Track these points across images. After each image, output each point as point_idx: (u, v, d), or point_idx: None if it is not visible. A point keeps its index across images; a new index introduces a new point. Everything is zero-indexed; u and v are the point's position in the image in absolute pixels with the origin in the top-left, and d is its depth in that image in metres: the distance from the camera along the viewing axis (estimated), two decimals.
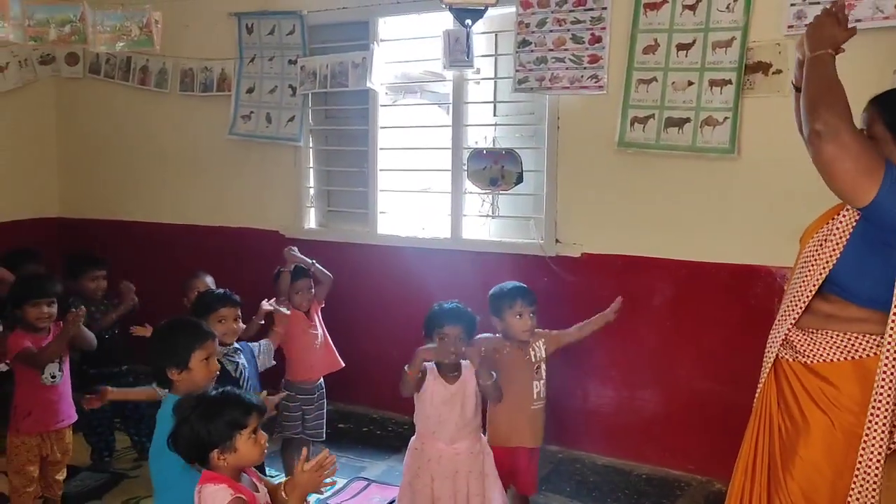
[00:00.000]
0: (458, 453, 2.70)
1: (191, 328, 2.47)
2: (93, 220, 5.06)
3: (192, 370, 2.37)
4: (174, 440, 2.03)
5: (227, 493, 1.97)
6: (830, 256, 1.94)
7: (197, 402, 2.04)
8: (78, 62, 4.93)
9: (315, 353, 3.48)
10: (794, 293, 2.03)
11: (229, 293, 3.07)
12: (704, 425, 3.41)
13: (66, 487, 3.32)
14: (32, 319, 3.07)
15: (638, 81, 3.38)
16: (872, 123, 2.01)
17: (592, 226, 3.60)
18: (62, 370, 3.15)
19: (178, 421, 2.03)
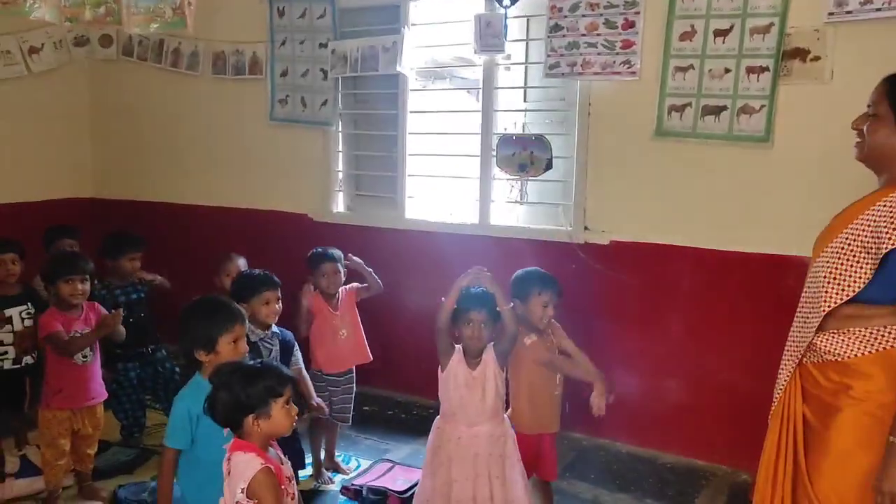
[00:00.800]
0: (478, 436, 2.71)
1: (219, 310, 2.47)
2: (125, 200, 5.13)
3: (220, 353, 2.40)
4: (211, 405, 2.09)
5: (257, 462, 2.03)
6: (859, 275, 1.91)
7: (236, 368, 2.12)
8: (111, 44, 4.99)
9: (337, 344, 3.46)
10: (814, 304, 2.00)
11: (271, 275, 3.10)
12: (731, 416, 3.38)
13: (96, 461, 3.38)
14: (66, 296, 3.12)
15: (675, 69, 3.33)
16: (879, 101, 1.98)
17: (621, 213, 3.57)
18: (93, 350, 3.20)
19: (216, 385, 2.09)
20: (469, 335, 2.69)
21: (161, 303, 3.85)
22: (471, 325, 2.67)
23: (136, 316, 3.78)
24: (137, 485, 3.35)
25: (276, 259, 3.87)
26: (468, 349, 2.72)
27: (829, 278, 1.96)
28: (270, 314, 3.04)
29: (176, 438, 2.35)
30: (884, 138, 1.96)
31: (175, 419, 2.37)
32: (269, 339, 3.08)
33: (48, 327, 3.10)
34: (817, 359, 2.01)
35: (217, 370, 2.17)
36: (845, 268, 1.94)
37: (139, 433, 3.83)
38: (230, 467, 2.05)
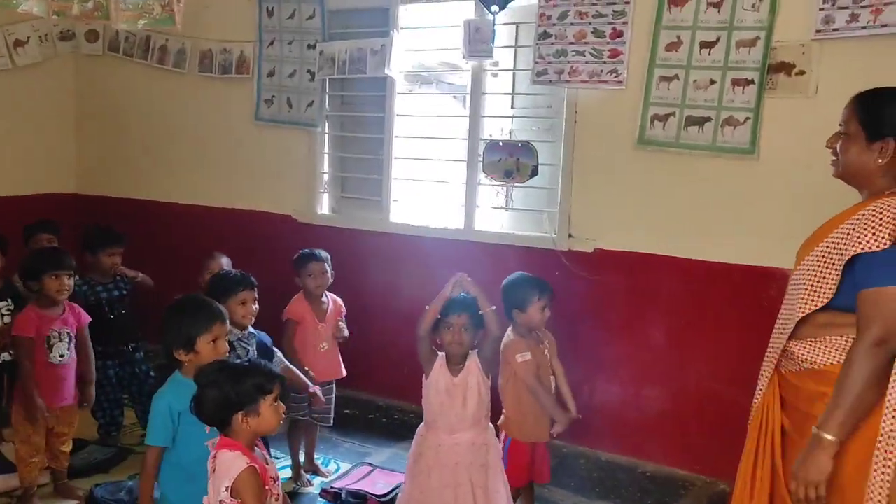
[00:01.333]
0: (458, 444, 2.70)
1: (199, 309, 2.46)
2: (108, 197, 5.09)
3: (200, 353, 2.39)
4: (198, 404, 2.09)
5: (242, 461, 2.04)
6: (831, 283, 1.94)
7: (224, 366, 2.14)
8: (98, 39, 4.95)
9: (317, 357, 3.44)
10: (791, 312, 2.04)
11: (248, 275, 3.08)
12: (711, 425, 3.40)
13: (73, 460, 3.36)
14: (52, 292, 3.09)
15: (660, 78, 3.35)
16: (849, 119, 2.03)
17: (606, 221, 3.59)
18: (70, 350, 3.17)
19: (203, 383, 2.10)
20: (450, 340, 2.68)
21: (144, 301, 3.81)
22: (451, 330, 2.67)
23: (117, 313, 3.75)
24: (114, 484, 3.32)
25: (259, 259, 3.85)
26: (450, 355, 2.72)
27: (807, 286, 1.99)
28: (247, 315, 3.01)
29: (158, 436, 2.34)
30: (855, 156, 2.01)
31: (156, 417, 2.35)
32: (246, 340, 3.05)
33: (22, 329, 3.07)
34: (795, 367, 2.03)
35: (203, 369, 2.16)
36: (821, 276, 1.97)
37: (116, 432, 3.80)
38: (215, 465, 2.05)
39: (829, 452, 1.86)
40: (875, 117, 1.98)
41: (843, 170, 2.06)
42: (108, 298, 3.76)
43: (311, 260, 3.44)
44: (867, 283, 1.87)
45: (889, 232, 1.85)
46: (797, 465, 1.92)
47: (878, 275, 1.85)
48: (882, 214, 1.88)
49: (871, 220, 1.89)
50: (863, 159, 1.99)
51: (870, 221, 1.89)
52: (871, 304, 1.86)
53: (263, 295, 3.23)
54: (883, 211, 1.88)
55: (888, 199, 1.91)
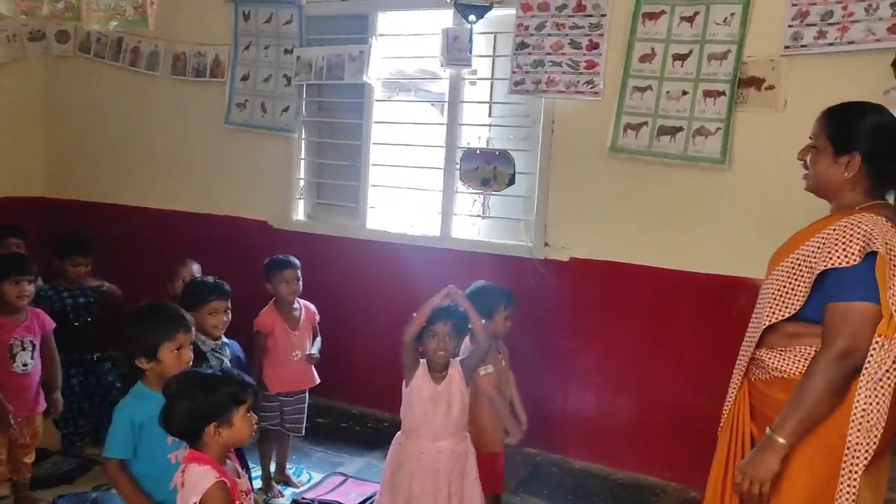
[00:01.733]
0: (441, 451, 2.69)
1: (163, 316, 2.40)
2: (78, 201, 5.00)
3: (162, 362, 2.33)
4: (167, 416, 2.04)
5: (212, 476, 1.99)
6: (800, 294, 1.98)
7: (194, 376, 2.09)
8: (68, 40, 4.87)
9: (289, 366, 3.40)
10: (761, 319, 2.07)
11: (221, 284, 3.03)
12: (682, 433, 3.43)
13: (37, 471, 3.28)
14: (13, 298, 3.03)
15: (633, 89, 3.40)
16: (818, 134, 2.07)
17: (582, 230, 3.61)
18: (34, 359, 3.11)
19: (172, 394, 2.04)
20: (434, 348, 2.68)
21: (111, 310, 3.75)
22: (436, 338, 2.67)
23: (83, 321, 3.68)
24: (78, 495, 3.25)
25: (234, 266, 3.81)
26: (433, 363, 2.72)
27: (776, 296, 2.03)
28: (217, 325, 2.96)
29: (117, 448, 2.28)
30: (823, 169, 2.05)
31: (117, 428, 2.29)
32: (220, 350, 3.01)
33: None
34: (765, 375, 2.07)
35: (174, 379, 2.11)
36: (790, 287, 2.01)
37: (80, 441, 3.71)
38: (183, 479, 2.00)
39: (779, 454, 1.91)
40: (842, 131, 2.03)
41: (813, 182, 2.10)
42: (74, 305, 3.68)
43: (287, 266, 3.41)
44: (836, 297, 1.91)
45: (859, 248, 1.89)
46: (746, 461, 1.97)
47: (848, 290, 1.89)
48: (853, 230, 1.91)
49: (841, 235, 1.92)
50: (830, 173, 2.04)
51: (840, 237, 1.92)
52: (839, 317, 1.90)
53: (238, 302, 3.19)
54: (853, 227, 1.92)
55: (859, 216, 1.95)
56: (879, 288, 1.86)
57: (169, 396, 2.06)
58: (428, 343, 2.68)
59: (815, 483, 1.94)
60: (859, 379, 1.87)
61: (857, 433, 1.86)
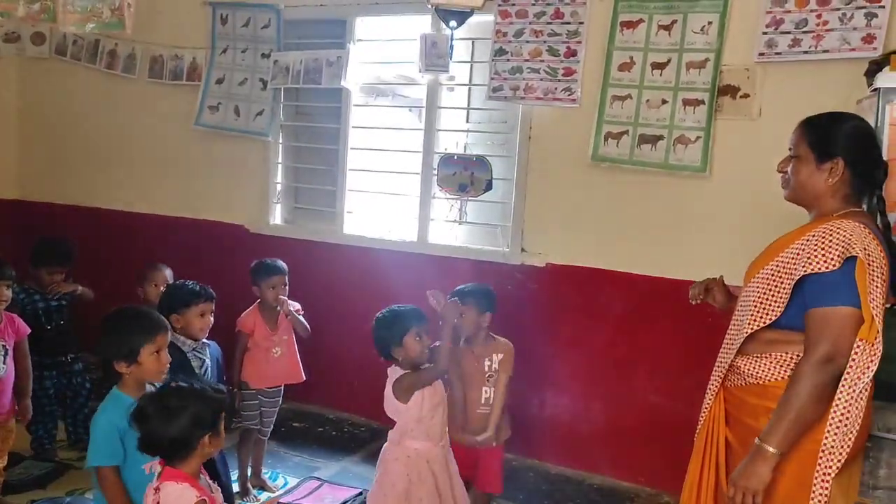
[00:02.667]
0: (445, 446, 2.75)
1: (142, 319, 2.38)
2: (52, 203, 4.94)
3: (142, 364, 2.30)
4: (150, 438, 2.01)
5: (192, 494, 1.95)
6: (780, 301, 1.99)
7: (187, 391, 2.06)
8: (44, 42, 4.82)
9: (269, 362, 3.39)
10: (739, 328, 2.08)
11: (207, 287, 3.01)
12: (656, 439, 3.46)
13: (8, 476, 3.22)
14: None
15: (613, 97, 3.42)
16: (798, 143, 2.09)
17: (558, 236, 3.63)
18: (6, 363, 3.06)
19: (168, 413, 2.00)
20: (418, 349, 2.67)
21: (83, 312, 3.70)
22: (424, 339, 2.68)
23: (55, 324, 3.64)
24: (51, 500, 3.21)
25: (210, 269, 3.78)
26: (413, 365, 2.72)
27: (756, 303, 2.04)
28: (204, 328, 2.95)
29: (108, 455, 2.21)
30: (806, 177, 2.07)
31: (99, 435, 2.23)
32: (201, 350, 2.99)
33: None
34: (741, 381, 2.08)
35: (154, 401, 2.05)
36: (770, 294, 2.02)
37: (50, 445, 3.67)
38: (159, 498, 1.95)
39: (770, 464, 1.91)
40: (823, 138, 2.05)
41: (794, 192, 2.12)
42: (46, 308, 3.64)
43: (275, 273, 3.39)
44: (817, 302, 1.92)
45: (838, 253, 1.90)
46: (737, 473, 1.97)
47: (828, 295, 1.90)
48: (832, 236, 1.93)
49: (820, 241, 1.94)
50: (813, 180, 2.05)
51: (820, 242, 1.94)
52: (820, 323, 1.91)
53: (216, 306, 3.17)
54: (833, 233, 1.94)
55: (838, 222, 1.97)
56: (860, 292, 1.88)
57: (163, 414, 1.99)
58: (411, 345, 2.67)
59: (787, 489, 1.95)
60: (841, 382, 1.88)
61: (834, 436, 1.88)
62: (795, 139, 2.11)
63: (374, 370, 2.88)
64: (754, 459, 1.93)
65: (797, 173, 2.09)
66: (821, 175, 2.04)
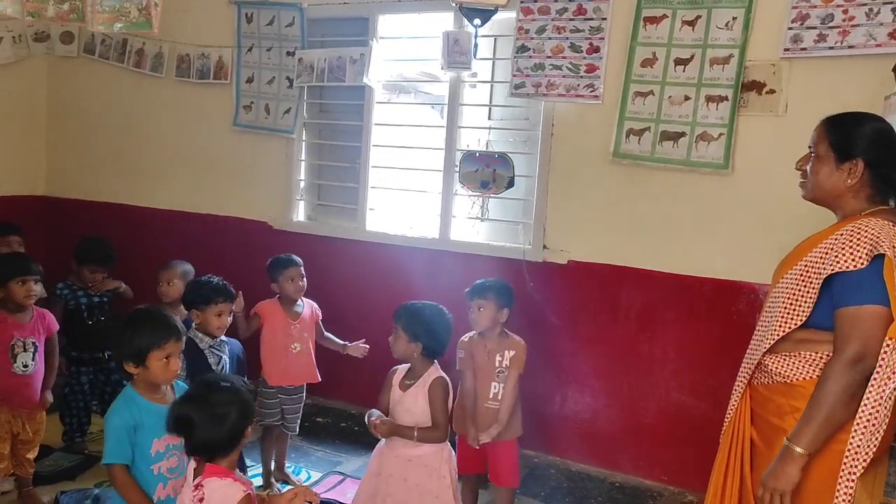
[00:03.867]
0: (384, 451, 2.87)
1: (155, 324, 2.36)
2: (79, 200, 5.02)
3: (150, 369, 2.31)
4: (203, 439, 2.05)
5: (238, 488, 1.99)
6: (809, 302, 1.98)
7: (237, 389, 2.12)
8: (73, 41, 4.90)
9: (288, 358, 3.43)
10: (769, 328, 2.07)
11: (228, 286, 3.06)
12: (679, 437, 3.44)
13: (38, 467, 3.31)
14: (20, 297, 3.06)
15: (635, 94, 3.40)
16: (819, 142, 2.08)
17: (580, 234, 3.62)
18: (35, 360, 3.13)
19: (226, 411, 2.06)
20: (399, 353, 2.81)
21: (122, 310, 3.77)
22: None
23: (96, 320, 3.73)
24: (80, 492, 3.28)
25: (234, 266, 3.83)
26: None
27: (786, 304, 2.03)
28: (221, 326, 2.99)
29: (116, 454, 2.26)
30: (825, 177, 2.06)
31: (112, 435, 2.27)
32: (218, 347, 3.04)
33: None
34: (768, 380, 2.07)
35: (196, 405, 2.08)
36: (799, 295, 2.01)
37: (81, 438, 3.76)
38: (202, 494, 1.99)
39: (798, 464, 1.91)
40: (844, 138, 2.03)
41: (813, 191, 2.11)
42: (88, 304, 3.73)
43: (290, 265, 3.44)
44: (845, 301, 1.91)
45: (866, 252, 1.89)
46: (766, 474, 1.96)
47: (857, 294, 1.89)
48: (860, 234, 1.92)
49: (848, 239, 1.93)
50: (833, 180, 2.04)
51: (847, 241, 1.93)
52: (849, 322, 1.90)
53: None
54: (860, 231, 1.92)
55: (865, 220, 1.95)
56: (888, 291, 1.86)
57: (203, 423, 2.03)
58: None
59: (813, 488, 1.95)
60: (870, 382, 1.87)
61: (861, 436, 1.86)
62: (816, 138, 2.09)
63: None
64: (783, 460, 1.93)
65: (816, 172, 2.08)
66: (840, 175, 2.03)
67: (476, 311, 3.02)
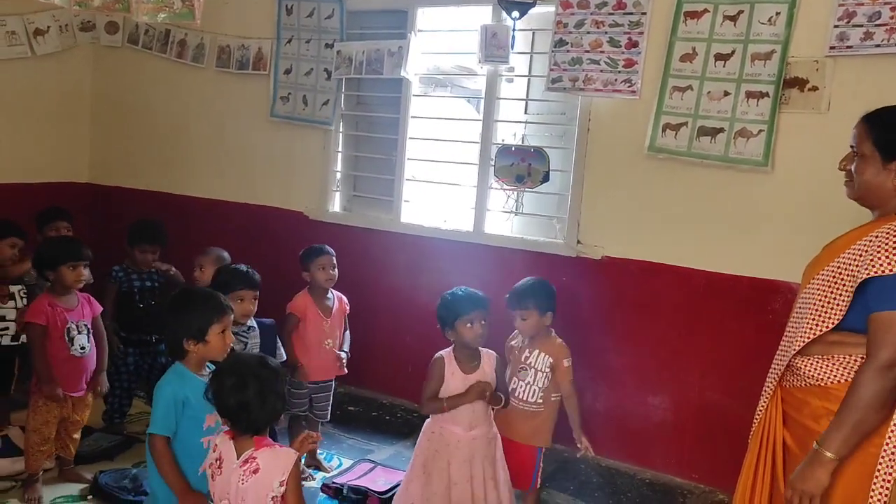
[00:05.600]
0: (476, 438, 2.77)
1: (210, 300, 2.50)
2: (121, 188, 5.13)
3: (209, 342, 2.41)
4: (254, 416, 2.11)
5: (291, 453, 2.10)
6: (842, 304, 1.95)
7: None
8: (117, 31, 4.99)
9: (322, 356, 3.48)
10: (799, 330, 2.04)
11: (251, 273, 3.10)
12: (711, 435, 3.42)
13: (79, 447, 3.38)
14: (71, 282, 3.13)
15: (673, 88, 3.37)
16: (862, 141, 2.02)
17: (615, 229, 3.61)
18: (90, 341, 3.21)
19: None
20: (472, 336, 2.74)
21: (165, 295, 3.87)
22: (473, 326, 2.74)
23: (147, 303, 3.82)
24: (118, 471, 3.36)
25: (269, 255, 3.89)
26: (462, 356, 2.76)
27: (818, 306, 2.00)
28: (243, 312, 3.03)
29: (162, 425, 2.35)
30: (871, 176, 2.01)
31: (160, 406, 2.36)
32: (244, 333, 3.09)
33: (35, 316, 3.09)
34: (801, 383, 2.05)
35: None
36: (831, 297, 1.98)
37: (120, 419, 3.84)
38: (257, 465, 2.07)
39: (828, 469, 1.89)
40: (890, 138, 1.98)
41: (859, 191, 2.06)
42: (141, 288, 3.84)
43: (322, 253, 3.49)
44: (880, 305, 1.88)
45: None
46: (795, 476, 1.95)
47: (892, 299, 1.86)
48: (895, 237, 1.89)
49: (884, 242, 1.89)
50: (879, 180, 1.99)
51: (883, 243, 1.89)
52: (883, 327, 1.87)
53: (272, 290, 3.27)
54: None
55: None
56: None
57: (260, 401, 2.10)
58: (464, 333, 2.72)
59: (848, 492, 1.93)
60: None
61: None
62: (858, 136, 2.04)
63: (428, 357, 2.93)
64: (812, 464, 1.91)
65: (861, 173, 2.03)
66: (887, 175, 1.98)
67: (520, 322, 3.00)
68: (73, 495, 3.21)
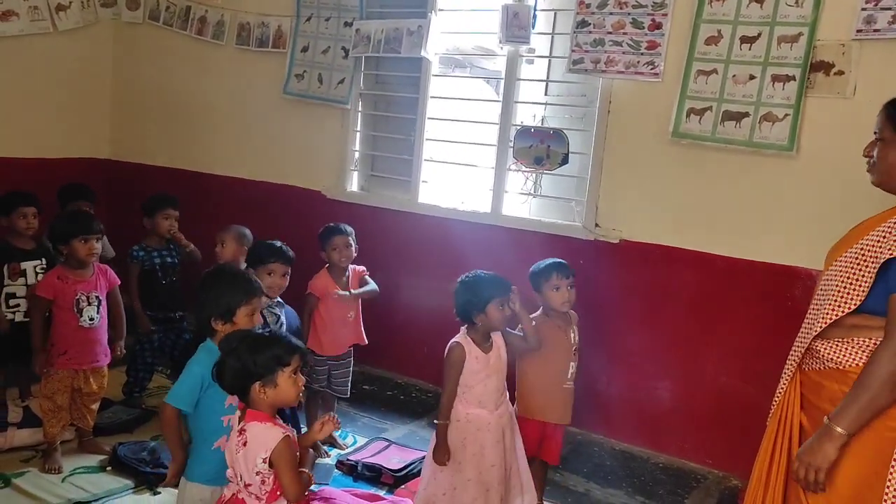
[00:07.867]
0: (501, 416, 2.78)
1: (240, 281, 2.49)
2: (141, 164, 5.16)
3: (237, 324, 2.40)
4: (219, 371, 2.13)
5: (278, 431, 2.07)
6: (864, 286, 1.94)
7: (245, 336, 2.17)
8: (139, 7, 5.01)
9: (345, 327, 3.51)
10: (820, 312, 2.03)
11: (284, 248, 3.14)
12: (725, 421, 3.41)
13: (98, 419, 3.44)
14: (83, 255, 3.17)
15: (697, 72, 3.33)
16: (884, 126, 2.01)
17: (634, 213, 3.59)
18: (100, 313, 3.25)
19: (225, 352, 2.13)
20: (502, 319, 2.74)
21: (188, 272, 3.90)
22: (503, 310, 2.74)
23: (169, 280, 3.86)
24: (137, 443, 3.40)
25: (287, 233, 3.87)
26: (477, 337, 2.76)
27: (839, 289, 1.99)
28: (273, 286, 3.07)
29: (181, 399, 2.35)
30: (894, 162, 1.99)
31: (186, 381, 2.36)
32: (274, 308, 3.12)
33: (42, 289, 3.16)
34: (820, 366, 2.04)
35: (227, 337, 2.20)
36: (853, 279, 1.97)
37: (139, 393, 3.90)
38: (246, 438, 2.07)
39: (837, 444, 1.90)
40: None
41: (882, 176, 2.05)
42: (162, 265, 3.87)
43: (336, 233, 3.50)
44: None
45: None
46: (803, 449, 1.97)
47: None
48: None
49: None
50: None
51: None
52: None
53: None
54: None
55: None
56: None
57: (222, 353, 2.15)
58: (494, 316, 2.72)
59: (863, 475, 1.93)
60: None
61: None
62: (881, 122, 2.03)
63: (444, 338, 2.92)
64: (821, 438, 1.92)
65: (884, 158, 2.02)
66: None
67: (567, 290, 2.97)
68: (93, 466, 3.26)
